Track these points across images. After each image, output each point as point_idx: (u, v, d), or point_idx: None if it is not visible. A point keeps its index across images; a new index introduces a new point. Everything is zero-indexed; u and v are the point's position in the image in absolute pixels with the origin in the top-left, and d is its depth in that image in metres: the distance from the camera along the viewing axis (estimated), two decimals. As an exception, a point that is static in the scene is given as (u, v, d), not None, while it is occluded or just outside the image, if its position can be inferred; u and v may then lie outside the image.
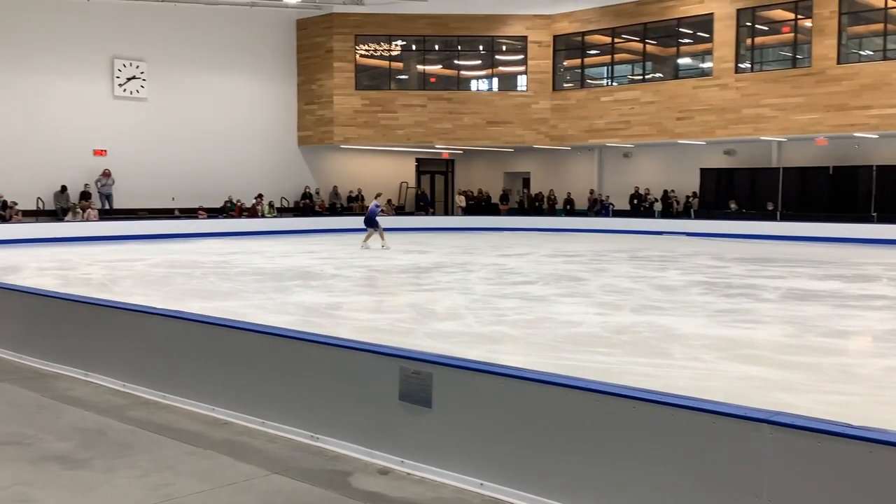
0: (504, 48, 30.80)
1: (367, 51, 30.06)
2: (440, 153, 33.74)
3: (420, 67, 30.87)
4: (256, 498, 4.30)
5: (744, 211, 27.42)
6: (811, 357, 7.97)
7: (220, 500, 4.29)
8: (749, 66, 26.04)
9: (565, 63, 30.26)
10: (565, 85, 30.19)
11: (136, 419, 5.74)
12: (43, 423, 5.64)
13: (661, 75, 28.36)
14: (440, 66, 31.25)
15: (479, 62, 31.14)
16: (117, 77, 26.35)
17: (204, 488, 4.41)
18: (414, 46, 30.58)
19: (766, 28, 26.43)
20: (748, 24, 25.83)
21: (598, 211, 30.61)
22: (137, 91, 26.73)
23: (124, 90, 26.50)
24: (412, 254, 19.93)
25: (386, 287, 14.34)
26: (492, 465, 4.38)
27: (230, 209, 28.39)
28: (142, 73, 26.77)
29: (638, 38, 28.40)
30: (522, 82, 30.35)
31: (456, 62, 30.95)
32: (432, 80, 30.88)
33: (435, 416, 4.64)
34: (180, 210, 27.36)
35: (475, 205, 33.38)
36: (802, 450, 3.40)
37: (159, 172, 26.80)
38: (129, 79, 26.54)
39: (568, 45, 29.83)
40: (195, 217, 27.17)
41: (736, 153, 28.45)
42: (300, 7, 29.33)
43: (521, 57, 30.11)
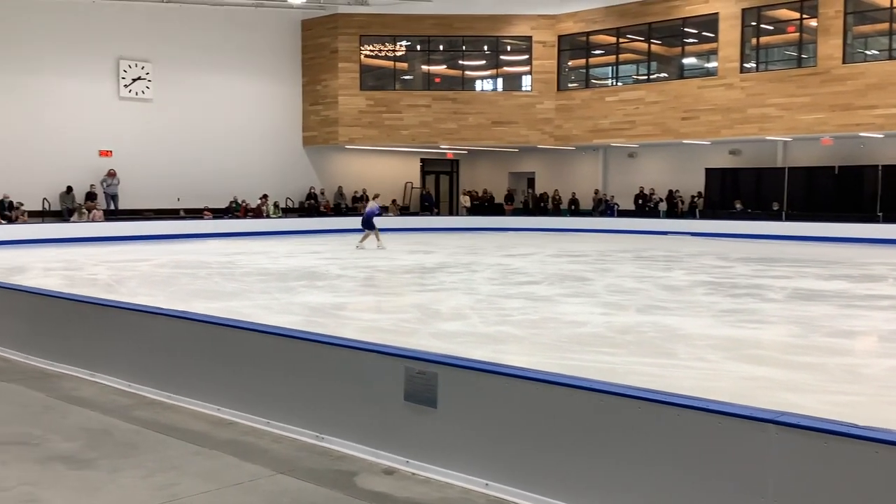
0: (509, 48, 30.79)
1: (371, 51, 30.09)
2: (445, 153, 33.76)
3: (425, 68, 30.88)
4: (262, 498, 4.30)
5: (749, 211, 27.37)
6: (817, 357, 7.95)
7: (226, 500, 4.29)
8: (754, 65, 26.01)
9: (570, 63, 30.24)
10: (570, 85, 30.17)
11: (142, 419, 5.75)
12: (49, 424, 5.66)
13: (666, 75, 28.32)
14: (445, 67, 31.27)
15: (483, 62, 31.13)
16: (123, 78, 26.41)
17: (209, 488, 4.42)
18: (419, 47, 30.61)
19: (771, 28, 26.38)
20: (753, 23, 25.78)
21: (602, 211, 30.58)
22: (143, 92, 26.79)
23: (130, 91, 26.56)
24: (417, 254, 19.94)
25: (391, 287, 14.34)
26: (497, 465, 4.38)
27: (235, 210, 28.43)
28: (147, 73, 26.82)
29: (643, 38, 28.37)
30: (527, 82, 30.34)
31: (460, 62, 30.95)
32: (437, 80, 30.89)
33: (440, 417, 4.64)
34: (185, 210, 27.40)
35: (480, 205, 33.36)
36: (808, 450, 3.40)
37: (164, 173, 26.85)
38: (134, 80, 26.60)
39: (573, 45, 29.81)
40: (200, 217, 27.20)
41: (741, 153, 28.41)
42: (305, 7, 29.36)
43: (526, 57, 30.11)
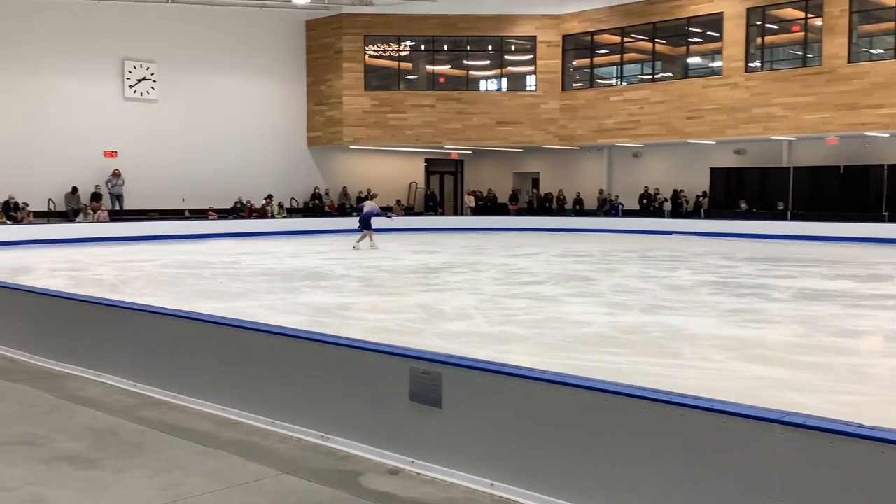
0: (513, 48, 30.78)
1: (376, 51, 30.10)
2: (449, 153, 33.76)
3: (429, 68, 30.88)
4: (267, 498, 4.31)
5: (754, 210, 27.33)
6: (822, 357, 7.93)
7: (231, 500, 4.30)
8: (759, 65, 25.96)
9: (574, 63, 30.22)
10: (574, 85, 30.15)
11: (147, 419, 5.76)
12: (55, 424, 5.67)
13: (671, 75, 28.29)
14: (449, 67, 31.27)
15: (488, 62, 31.13)
16: (127, 78, 26.46)
17: (215, 488, 4.43)
18: (423, 47, 30.61)
19: (776, 27, 26.34)
20: (758, 23, 25.74)
21: (607, 211, 30.55)
22: (148, 92, 26.83)
23: (134, 91, 26.60)
24: (421, 254, 19.94)
25: (395, 287, 14.34)
26: (502, 464, 4.38)
27: (240, 210, 28.46)
28: (152, 74, 26.87)
29: (647, 38, 28.33)
30: (532, 82, 30.32)
31: (465, 62, 30.95)
32: (441, 80, 30.89)
33: (445, 416, 4.64)
34: (190, 211, 27.44)
35: (484, 205, 33.36)
36: (814, 450, 3.39)
37: (169, 173, 26.89)
38: (139, 80, 26.65)
39: (577, 45, 29.79)
40: (205, 218, 27.24)
41: (746, 152, 28.36)
42: (309, 8, 29.37)
43: (531, 57, 30.10)
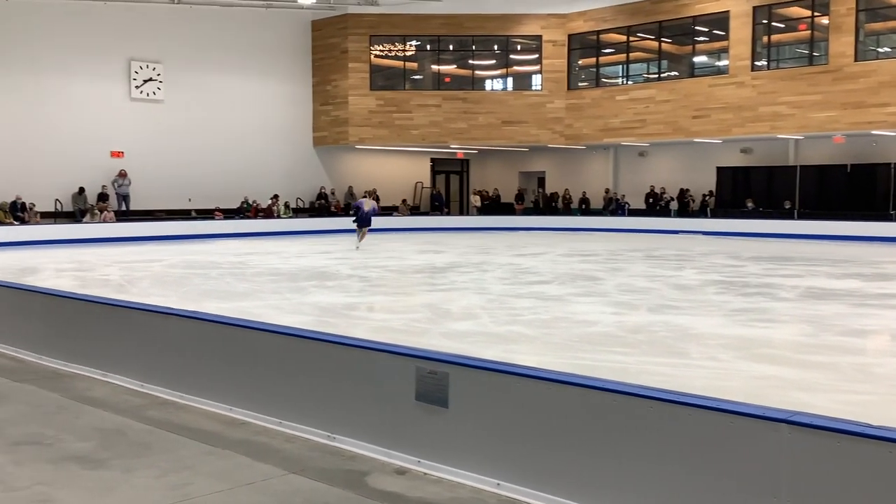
0: (519, 47, 30.76)
1: (381, 51, 30.11)
2: (455, 153, 33.76)
3: (435, 67, 30.88)
4: (274, 498, 4.32)
5: (761, 209, 27.27)
6: (829, 356, 7.92)
7: (238, 500, 4.31)
8: (765, 63, 25.90)
9: (580, 62, 30.19)
10: (580, 84, 30.11)
11: (155, 419, 5.78)
12: (63, 424, 5.69)
13: (677, 74, 28.25)
14: (455, 66, 31.27)
15: (493, 62, 31.12)
16: (134, 79, 26.52)
17: (222, 488, 4.44)
18: (428, 46, 30.62)
19: (782, 25, 26.27)
20: (764, 21, 25.68)
21: (613, 210, 30.52)
22: (154, 93, 26.89)
23: (141, 92, 26.66)
24: (427, 254, 19.95)
25: (401, 287, 14.35)
26: (508, 464, 4.38)
27: (246, 210, 28.50)
28: (158, 74, 26.92)
29: (653, 37, 28.29)
30: (537, 82, 30.30)
31: (470, 62, 30.94)
32: (447, 80, 30.88)
33: (451, 416, 4.64)
34: (197, 211, 27.49)
35: (490, 204, 33.35)
36: (821, 450, 3.38)
37: (176, 174, 26.94)
38: (145, 80, 26.70)
39: (583, 44, 29.75)
40: (211, 218, 27.29)
41: (752, 151, 28.30)
42: (315, 8, 29.40)
43: (536, 56, 30.07)
